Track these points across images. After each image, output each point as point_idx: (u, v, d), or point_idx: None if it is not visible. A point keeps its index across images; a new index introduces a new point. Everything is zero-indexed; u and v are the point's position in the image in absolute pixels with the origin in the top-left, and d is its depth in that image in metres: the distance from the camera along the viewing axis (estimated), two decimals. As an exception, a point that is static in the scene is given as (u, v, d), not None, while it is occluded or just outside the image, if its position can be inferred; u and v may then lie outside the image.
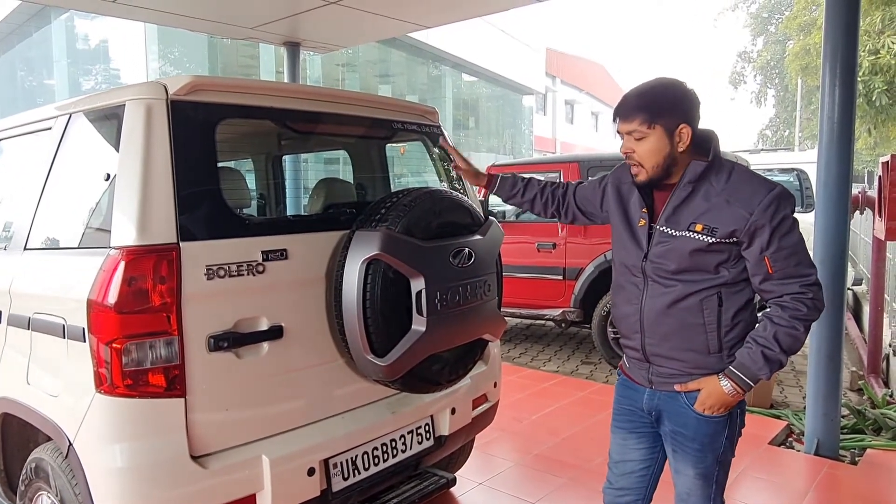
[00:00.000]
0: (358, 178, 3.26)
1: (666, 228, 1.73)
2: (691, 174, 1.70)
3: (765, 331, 1.66)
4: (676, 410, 1.79)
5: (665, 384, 1.81)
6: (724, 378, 1.70)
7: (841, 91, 3.38)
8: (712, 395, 1.72)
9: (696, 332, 1.72)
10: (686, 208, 1.71)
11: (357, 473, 2.22)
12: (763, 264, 1.64)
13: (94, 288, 1.79)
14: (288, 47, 6.03)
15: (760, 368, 1.66)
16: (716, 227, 1.66)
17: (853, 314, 7.37)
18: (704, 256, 1.68)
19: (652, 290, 1.77)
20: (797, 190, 7.56)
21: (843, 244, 3.48)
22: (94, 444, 1.80)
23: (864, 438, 3.83)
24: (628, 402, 1.93)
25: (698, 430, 1.77)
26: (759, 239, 1.63)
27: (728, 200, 1.66)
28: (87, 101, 2.18)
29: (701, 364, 1.75)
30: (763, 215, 1.62)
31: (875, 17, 9.47)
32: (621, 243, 1.87)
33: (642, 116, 1.69)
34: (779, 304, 1.66)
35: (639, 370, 1.88)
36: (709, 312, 1.71)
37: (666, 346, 1.77)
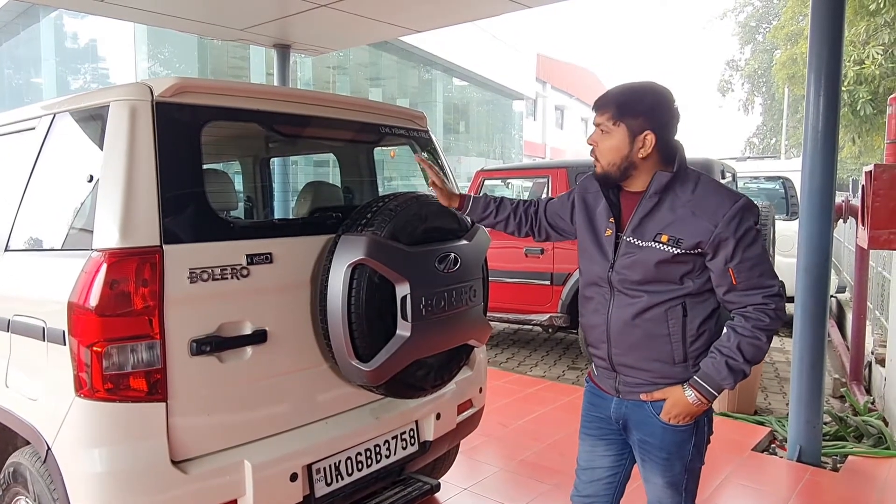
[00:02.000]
0: (345, 182, 3.26)
1: (632, 239, 1.73)
2: (657, 185, 1.71)
3: (729, 341, 1.67)
4: (643, 420, 1.80)
5: (631, 393, 1.82)
6: (689, 388, 1.71)
7: (825, 100, 3.42)
8: (677, 405, 1.73)
9: (662, 342, 1.73)
10: (652, 219, 1.72)
11: (340, 479, 2.21)
12: (727, 276, 1.65)
13: (76, 290, 1.77)
14: (278, 49, 6.02)
15: (724, 378, 1.67)
16: (681, 239, 1.66)
17: (836, 321, 7.44)
18: (670, 267, 1.69)
19: (618, 300, 1.77)
20: (783, 198, 7.64)
21: (826, 252, 3.51)
22: (73, 448, 1.78)
23: (845, 445, 3.86)
24: (596, 409, 1.94)
25: (664, 439, 1.78)
26: (723, 251, 1.64)
27: (693, 212, 1.67)
28: (72, 102, 2.16)
29: (667, 374, 1.75)
30: (728, 227, 1.63)
31: (860, 27, 9.59)
32: (588, 254, 1.87)
33: (611, 112, 1.71)
34: (742, 315, 1.67)
35: (606, 379, 1.88)
36: (674, 323, 1.72)
37: (632, 357, 1.78)
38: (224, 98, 2.07)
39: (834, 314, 7.53)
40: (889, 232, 3.75)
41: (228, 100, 2.08)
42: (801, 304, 3.56)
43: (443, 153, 2.95)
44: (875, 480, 3.42)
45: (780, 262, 6.65)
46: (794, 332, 3.62)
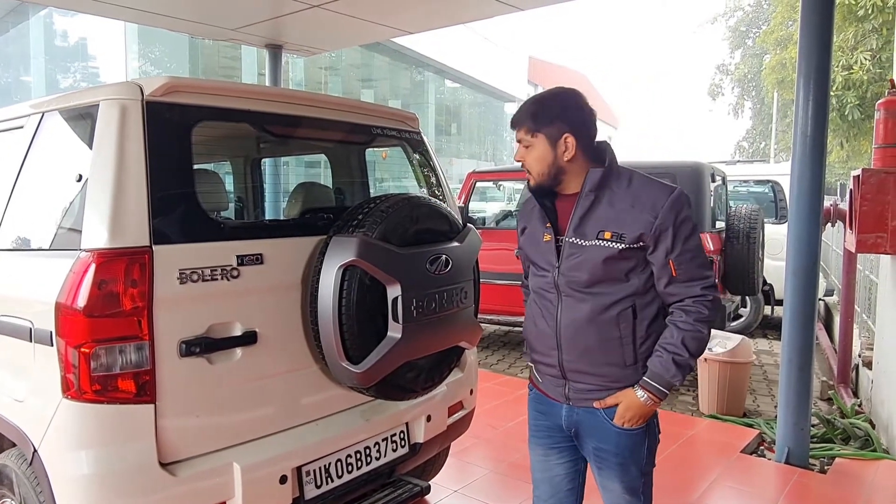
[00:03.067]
0: (337, 183, 3.25)
1: (575, 239, 1.73)
2: (591, 182, 1.73)
3: (672, 337, 1.70)
4: (596, 426, 1.79)
5: (583, 400, 1.80)
6: (640, 389, 1.72)
7: (814, 105, 3.45)
8: (631, 408, 1.73)
9: (613, 345, 1.73)
10: (592, 217, 1.73)
11: (330, 481, 2.20)
12: (668, 267, 1.68)
13: (63, 290, 1.76)
14: (270, 50, 6.00)
15: (673, 375, 1.69)
16: (623, 233, 1.68)
17: (824, 324, 7.50)
18: (616, 264, 1.70)
19: (567, 304, 1.76)
20: (772, 202, 7.69)
21: (815, 255, 3.54)
22: (59, 450, 1.76)
23: (833, 447, 3.89)
24: (545, 417, 1.92)
25: (619, 444, 1.78)
26: (663, 243, 1.67)
27: (632, 205, 1.70)
28: (61, 101, 2.14)
29: (618, 377, 1.75)
30: (667, 217, 1.66)
31: (848, 33, 9.69)
32: (532, 263, 1.88)
33: (527, 125, 1.75)
34: (682, 309, 1.70)
35: (555, 387, 1.86)
36: (625, 326, 1.72)
37: (584, 362, 1.77)
38: (215, 98, 2.06)
39: (822, 317, 7.59)
40: (876, 236, 3.79)
41: (219, 100, 2.07)
42: (789, 306, 3.59)
43: (435, 155, 2.95)
44: (862, 482, 3.45)
45: (769, 266, 6.71)
46: (783, 335, 3.64)
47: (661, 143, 71.17)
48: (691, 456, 3.78)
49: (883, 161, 3.87)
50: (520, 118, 1.77)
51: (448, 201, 2.81)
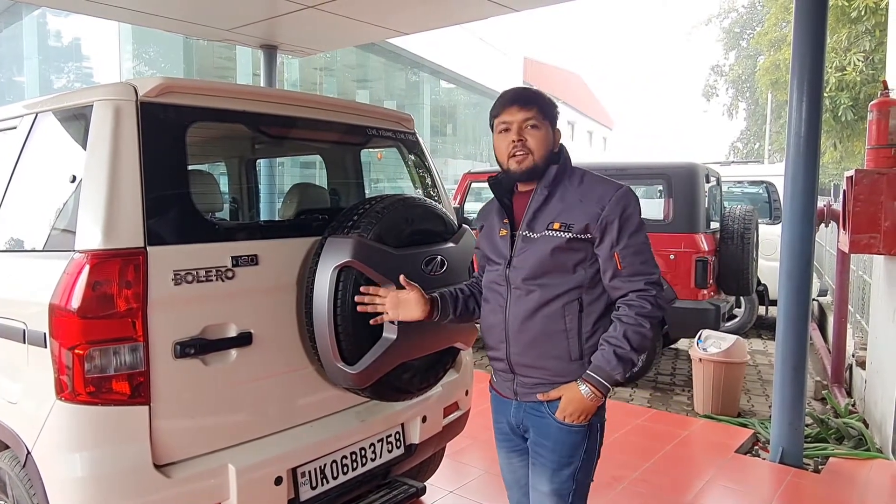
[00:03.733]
0: (332, 184, 3.25)
1: (527, 233, 1.79)
2: (547, 178, 1.79)
3: (615, 331, 1.72)
4: (539, 421, 1.81)
5: (529, 394, 1.82)
6: (583, 383, 1.73)
7: (808, 106, 3.46)
8: (573, 402, 1.73)
9: (559, 338, 1.76)
10: (544, 211, 1.78)
11: (325, 482, 2.20)
12: (613, 260, 1.72)
13: (57, 292, 1.75)
14: (265, 50, 5.99)
15: (614, 368, 1.70)
16: (571, 224, 1.73)
17: (818, 325, 7.53)
18: (564, 255, 1.73)
19: (515, 296, 1.79)
20: (766, 202, 7.72)
21: (808, 256, 3.55)
22: (53, 452, 1.75)
23: (827, 447, 3.91)
24: (502, 417, 1.94)
25: (558, 441, 1.78)
26: (609, 235, 1.71)
27: (581, 199, 1.76)
28: (54, 101, 2.13)
29: (563, 372, 1.77)
30: (613, 210, 1.72)
31: (841, 34, 9.73)
32: (487, 259, 1.91)
33: (538, 107, 1.79)
34: (626, 303, 1.72)
35: (504, 382, 1.89)
36: (570, 318, 1.75)
37: (530, 355, 1.79)
38: (210, 98, 2.05)
39: (816, 317, 7.62)
40: (870, 236, 3.81)
41: (214, 100, 2.07)
42: (783, 307, 3.60)
43: (430, 155, 2.95)
44: (856, 482, 3.47)
45: (763, 266, 6.73)
46: (777, 335, 3.66)
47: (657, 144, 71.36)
48: (686, 456, 3.79)
49: (876, 162, 3.89)
50: (531, 99, 1.79)
51: (443, 202, 2.81)
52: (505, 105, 1.80)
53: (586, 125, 38.59)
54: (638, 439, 3.91)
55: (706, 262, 5.37)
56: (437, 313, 1.95)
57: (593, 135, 40.58)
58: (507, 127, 1.79)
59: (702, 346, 4.77)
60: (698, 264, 5.34)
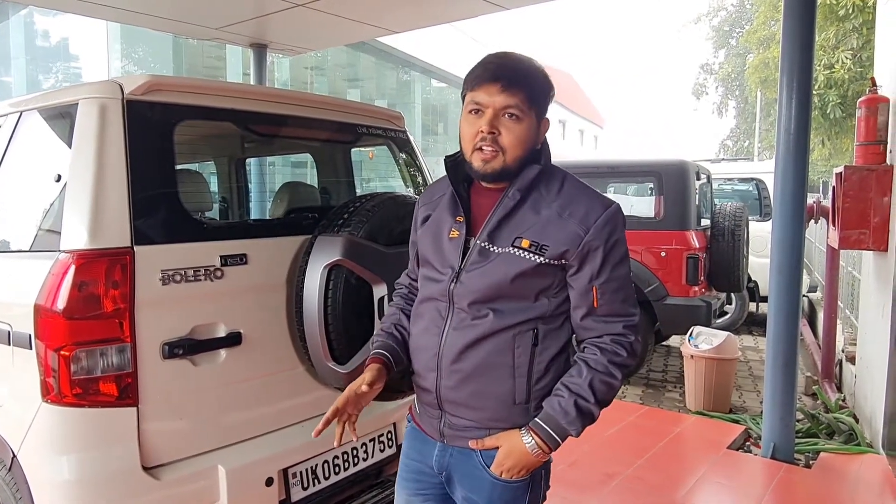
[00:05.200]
0: (322, 183, 3.23)
1: (487, 244, 1.41)
2: (522, 181, 1.41)
3: (580, 377, 1.38)
4: (469, 472, 1.47)
5: (458, 438, 1.47)
6: (528, 433, 1.39)
7: (797, 104, 3.47)
8: (512, 455, 1.40)
9: (502, 374, 1.41)
10: (512, 221, 1.41)
11: (317, 483, 2.18)
12: (589, 295, 1.39)
13: (43, 293, 1.72)
14: (255, 49, 5.96)
15: (571, 422, 1.37)
16: (545, 245, 1.37)
17: (808, 321, 7.58)
18: (528, 281, 1.39)
19: (457, 320, 1.44)
20: (756, 199, 7.77)
21: (798, 252, 3.57)
22: (39, 455, 1.73)
23: (817, 442, 3.93)
24: (417, 455, 1.58)
25: (493, 497, 1.44)
26: (590, 264, 1.38)
27: (560, 213, 1.39)
28: (40, 99, 2.11)
29: (502, 416, 1.43)
30: (599, 235, 1.37)
31: (830, 32, 9.78)
32: (427, 264, 1.53)
33: (525, 93, 1.37)
34: (598, 346, 1.40)
35: (430, 419, 1.53)
36: (520, 352, 1.40)
37: (464, 392, 1.43)
38: (197, 97, 2.03)
39: (806, 313, 7.67)
40: (859, 232, 3.83)
41: (202, 98, 2.05)
42: (774, 303, 3.62)
43: (421, 154, 2.94)
44: (846, 476, 3.49)
45: (753, 263, 6.76)
46: (768, 331, 3.67)
47: (647, 142, 71.63)
48: (678, 452, 3.80)
49: (864, 158, 3.91)
50: (521, 78, 1.38)
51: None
52: (484, 79, 1.38)
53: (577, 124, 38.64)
54: (630, 436, 3.91)
55: (697, 258, 5.39)
56: (394, 370, 1.55)
57: (584, 133, 40.64)
58: (478, 109, 1.38)
59: (693, 343, 4.79)
60: (689, 261, 5.36)
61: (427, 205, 1.58)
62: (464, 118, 1.42)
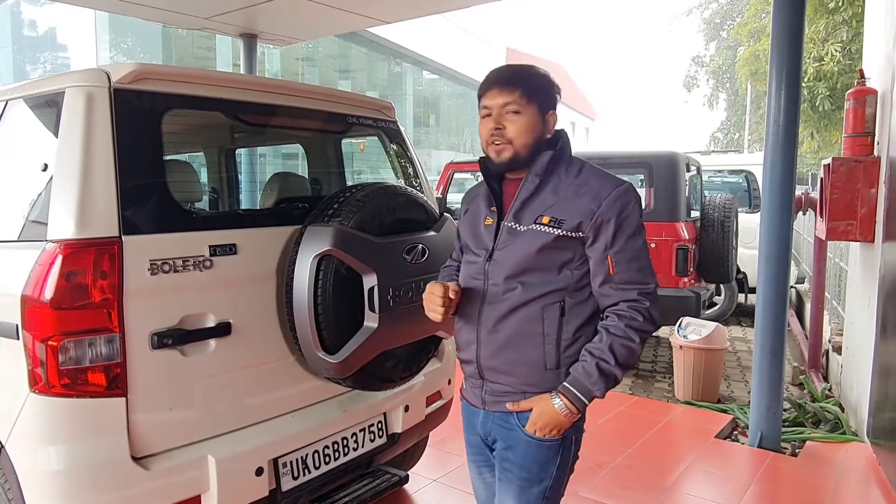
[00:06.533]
0: (312, 173, 3.22)
1: (513, 224, 1.61)
2: (539, 165, 1.60)
3: (601, 342, 1.54)
4: (506, 433, 1.64)
5: (497, 403, 1.65)
6: (557, 395, 1.55)
7: (786, 96, 3.49)
8: (543, 415, 1.56)
9: (534, 343, 1.58)
10: (534, 202, 1.60)
11: (307, 472, 2.19)
12: (605, 264, 1.54)
13: (30, 283, 1.71)
14: (245, 39, 5.91)
15: (595, 383, 1.53)
16: (563, 219, 1.55)
17: (796, 311, 7.64)
18: (551, 254, 1.56)
19: (491, 293, 1.62)
20: (745, 191, 7.81)
21: (786, 243, 3.60)
22: (27, 446, 1.72)
23: (804, 431, 3.98)
24: (471, 429, 1.77)
25: (527, 456, 1.61)
26: (604, 235, 1.54)
27: (576, 192, 1.57)
28: (25, 88, 2.08)
29: (535, 381, 1.59)
30: (611, 208, 1.53)
31: (819, 25, 9.82)
32: (467, 246, 1.74)
33: (521, 90, 1.57)
34: (616, 313, 1.55)
35: (473, 389, 1.72)
36: (549, 322, 1.57)
37: (501, 359, 1.61)
38: (186, 85, 2.02)
39: (793, 304, 7.74)
40: (846, 223, 3.86)
41: (190, 87, 2.03)
42: (762, 293, 3.65)
43: (412, 144, 2.93)
44: (832, 464, 3.53)
45: (742, 254, 6.81)
46: (756, 321, 3.70)
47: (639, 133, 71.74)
48: (667, 441, 3.83)
49: (852, 150, 3.94)
50: (513, 79, 1.58)
51: (425, 191, 2.80)
52: (486, 87, 1.61)
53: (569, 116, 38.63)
54: (620, 426, 3.94)
55: (687, 250, 5.42)
56: None
57: (576, 125, 40.65)
58: (488, 112, 1.61)
59: (682, 334, 4.82)
60: (679, 252, 5.39)
61: (466, 202, 1.82)
62: (480, 122, 1.65)
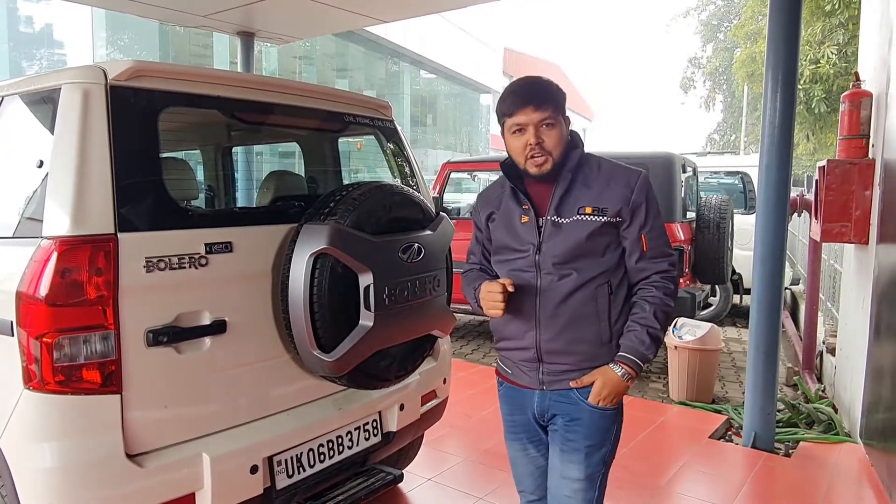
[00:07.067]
0: (309, 172, 3.22)
1: (556, 218, 1.76)
2: (570, 164, 1.79)
3: (645, 311, 1.76)
4: (568, 408, 1.80)
5: (557, 382, 1.81)
6: (618, 365, 1.75)
7: (782, 98, 3.51)
8: (608, 385, 1.75)
9: (590, 322, 1.76)
10: (571, 196, 1.77)
11: (302, 471, 2.19)
12: (640, 242, 1.77)
13: (24, 279, 1.71)
14: (242, 37, 5.90)
15: (648, 348, 1.75)
16: (605, 207, 1.75)
17: (790, 312, 7.66)
18: (597, 239, 1.75)
19: (547, 282, 1.77)
20: (741, 192, 7.83)
21: (781, 245, 3.61)
22: (21, 443, 1.72)
23: (797, 432, 3.99)
24: (519, 410, 1.90)
25: (591, 425, 1.78)
26: (638, 217, 1.76)
27: (608, 183, 1.77)
28: (21, 84, 2.08)
29: (594, 356, 1.78)
30: (641, 193, 1.76)
31: (816, 27, 9.85)
32: (504, 245, 1.85)
33: (553, 105, 1.75)
34: (651, 285, 1.78)
35: (528, 372, 1.84)
36: (601, 301, 1.76)
37: (562, 340, 1.77)
38: (183, 83, 2.02)
39: (788, 305, 7.76)
40: (841, 225, 3.88)
41: (187, 85, 2.03)
42: (757, 294, 3.66)
43: (408, 143, 2.93)
44: (825, 465, 3.55)
45: (738, 255, 6.83)
46: (751, 322, 3.72)
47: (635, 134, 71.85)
48: (661, 441, 3.84)
49: (847, 152, 3.96)
50: (545, 97, 1.74)
51: (421, 190, 2.80)
52: (517, 105, 1.73)
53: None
54: (614, 426, 3.94)
55: (682, 251, 5.43)
56: None
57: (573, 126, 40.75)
58: (521, 128, 1.74)
59: (677, 334, 4.83)
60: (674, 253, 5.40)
61: (486, 206, 1.92)
62: (508, 137, 1.79)
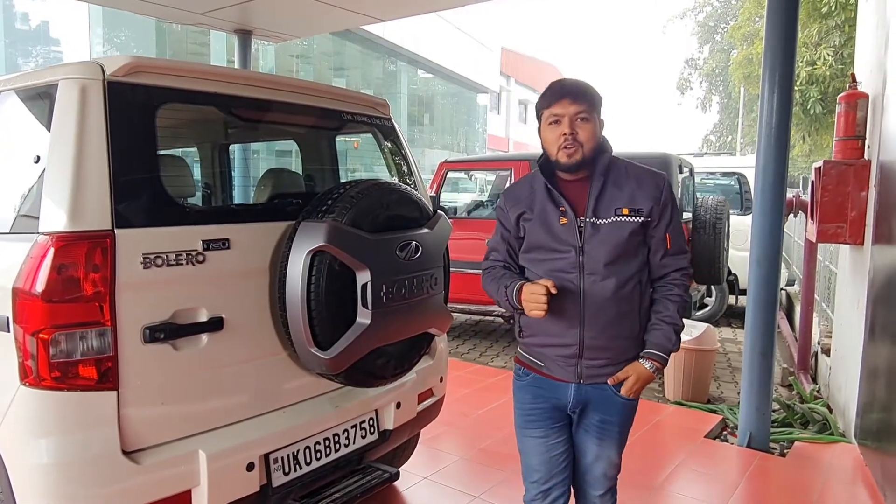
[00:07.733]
0: (306, 169, 3.21)
1: (595, 219, 1.84)
2: (601, 166, 1.87)
3: (668, 310, 1.88)
4: (603, 400, 1.92)
5: (594, 377, 1.90)
6: (647, 360, 1.87)
7: (779, 99, 3.52)
8: (640, 379, 1.87)
9: (628, 319, 1.87)
10: (605, 197, 1.86)
11: (298, 468, 2.19)
12: (665, 241, 1.88)
13: (21, 275, 1.71)
14: (239, 35, 5.90)
15: (674, 343, 1.88)
16: (640, 209, 1.84)
17: (786, 313, 7.69)
18: (634, 239, 1.84)
19: (590, 282, 1.83)
20: (737, 193, 7.85)
21: (777, 246, 3.62)
22: (16, 439, 1.72)
23: (792, 432, 4.01)
24: (544, 401, 1.97)
25: (623, 414, 1.94)
26: (665, 216, 1.87)
27: (639, 185, 1.87)
28: (18, 80, 2.07)
29: (627, 351, 1.89)
30: (668, 194, 1.88)
31: (812, 29, 9.89)
32: (539, 245, 1.89)
33: (588, 101, 1.84)
34: (671, 283, 1.90)
35: (565, 367, 1.91)
36: (636, 299, 1.87)
37: (604, 337, 1.86)
38: (180, 79, 2.01)
39: (784, 306, 7.79)
40: (836, 226, 3.90)
41: (185, 81, 2.03)
42: (752, 295, 3.67)
43: (406, 142, 2.93)
44: (819, 465, 3.56)
45: (733, 256, 6.85)
46: (746, 323, 3.73)
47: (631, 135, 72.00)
48: (657, 441, 3.85)
49: (843, 153, 3.97)
50: (582, 92, 1.83)
51: (419, 189, 2.80)
52: (556, 98, 1.83)
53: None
54: (610, 425, 3.95)
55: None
56: None
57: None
58: (557, 119, 1.82)
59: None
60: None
61: (516, 205, 1.95)
62: (545, 129, 1.87)
